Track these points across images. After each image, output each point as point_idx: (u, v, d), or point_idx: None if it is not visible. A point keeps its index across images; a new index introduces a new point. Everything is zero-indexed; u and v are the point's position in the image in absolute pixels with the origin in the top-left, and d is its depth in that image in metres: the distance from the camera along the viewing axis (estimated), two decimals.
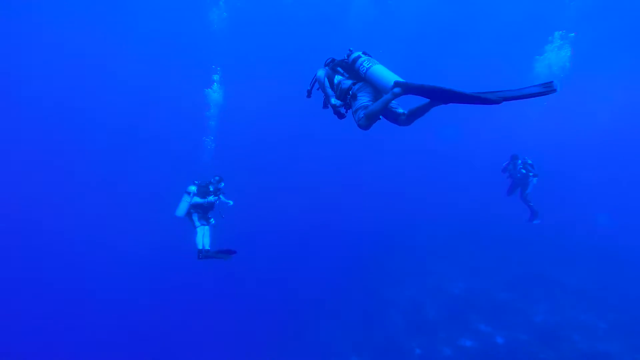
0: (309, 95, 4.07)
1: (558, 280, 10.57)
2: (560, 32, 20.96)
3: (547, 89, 2.37)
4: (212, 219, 7.09)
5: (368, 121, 3.23)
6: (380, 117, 3.33)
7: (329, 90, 3.76)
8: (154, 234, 16.74)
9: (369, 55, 3.55)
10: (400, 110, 3.26)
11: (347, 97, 3.53)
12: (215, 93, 22.33)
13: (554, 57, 21.82)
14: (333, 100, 3.71)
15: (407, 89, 2.93)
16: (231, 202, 7.19)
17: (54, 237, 17.69)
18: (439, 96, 2.76)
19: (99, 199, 22.23)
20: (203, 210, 6.98)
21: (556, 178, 17.27)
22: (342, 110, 3.68)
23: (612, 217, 15.61)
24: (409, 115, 3.18)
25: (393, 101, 3.23)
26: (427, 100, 2.91)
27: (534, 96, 2.44)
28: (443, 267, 11.76)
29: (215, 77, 21.58)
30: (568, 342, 8.09)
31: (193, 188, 6.84)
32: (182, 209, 6.77)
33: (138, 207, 21.45)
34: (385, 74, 3.25)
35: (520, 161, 10.70)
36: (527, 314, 9.05)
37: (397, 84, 3.02)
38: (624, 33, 23.95)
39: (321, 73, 3.84)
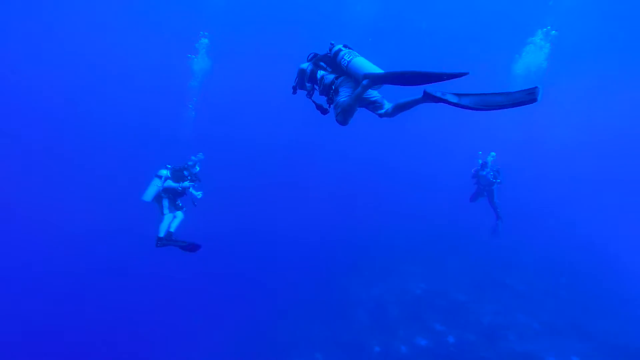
0: (294, 92, 4.00)
1: (509, 284, 11.76)
2: (544, 29, 20.95)
3: (529, 97, 2.27)
4: (184, 208, 6.83)
5: (344, 116, 3.19)
6: (361, 109, 3.35)
7: (306, 85, 3.76)
8: (123, 220, 16.22)
9: (349, 48, 3.50)
10: (383, 110, 3.27)
11: (330, 92, 3.47)
12: (200, 61, 21.55)
13: (532, 57, 21.99)
14: (307, 92, 3.75)
15: (375, 79, 2.93)
16: (200, 194, 6.81)
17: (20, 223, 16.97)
18: (407, 81, 2.74)
19: (63, 179, 21.22)
20: (174, 196, 6.67)
21: (518, 184, 18.40)
22: (325, 105, 3.63)
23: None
24: (394, 109, 3.18)
25: (377, 95, 3.34)
26: (419, 97, 2.84)
27: (515, 106, 2.35)
28: (409, 268, 12.58)
29: (203, 42, 20.72)
30: (505, 341, 9.17)
31: (165, 172, 6.52)
32: (150, 193, 6.45)
33: (105, 189, 20.65)
34: (365, 66, 3.17)
35: (489, 168, 11.55)
36: (477, 314, 10.19)
37: (364, 76, 3.01)
38: (606, 34, 24.40)
39: (303, 67, 3.78)
